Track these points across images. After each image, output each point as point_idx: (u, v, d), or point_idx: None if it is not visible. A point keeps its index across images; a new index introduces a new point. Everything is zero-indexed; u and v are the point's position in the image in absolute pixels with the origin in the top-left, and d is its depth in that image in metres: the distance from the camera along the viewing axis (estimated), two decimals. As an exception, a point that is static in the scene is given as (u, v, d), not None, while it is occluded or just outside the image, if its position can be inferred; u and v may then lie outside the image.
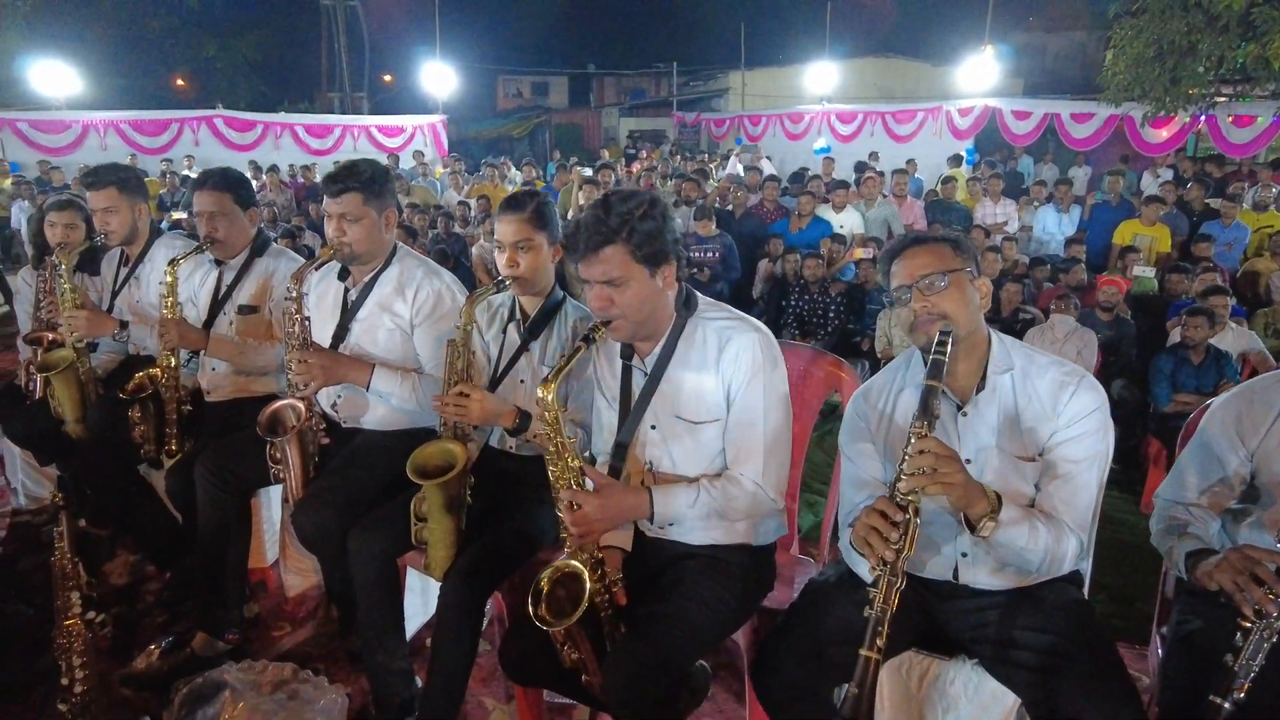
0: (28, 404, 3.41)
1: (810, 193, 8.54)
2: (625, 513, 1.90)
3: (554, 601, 1.82)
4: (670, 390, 1.96)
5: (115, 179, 3.26)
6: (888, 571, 1.54)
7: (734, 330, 1.94)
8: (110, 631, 2.13)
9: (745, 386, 1.90)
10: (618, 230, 1.81)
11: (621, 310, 1.85)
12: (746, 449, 1.92)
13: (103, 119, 13.83)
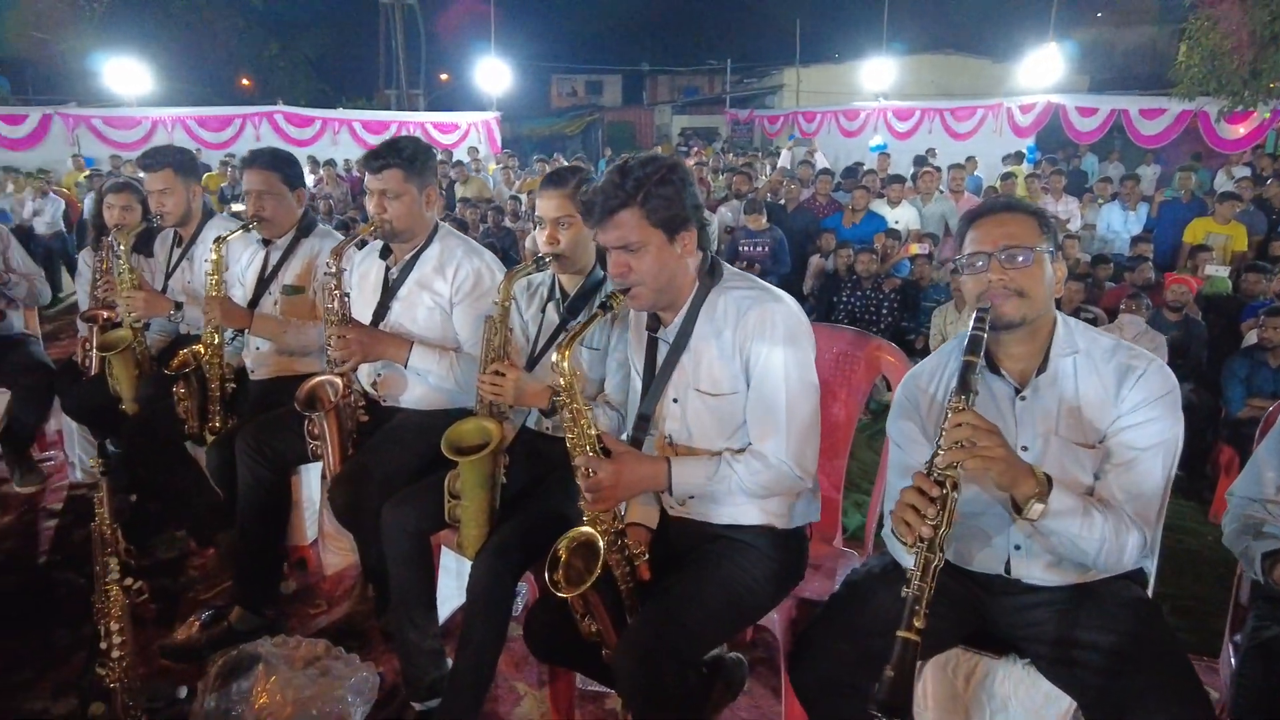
0: (84, 380, 3.50)
1: (865, 187, 8.37)
2: (641, 481, 1.85)
3: (572, 570, 1.79)
4: (690, 362, 1.91)
5: (171, 161, 3.32)
6: (925, 549, 1.45)
7: (754, 300, 1.87)
8: (147, 598, 2.12)
9: (765, 358, 1.83)
10: (633, 194, 1.77)
11: (639, 276, 1.82)
12: (769, 423, 1.85)
13: (170, 115, 14.25)
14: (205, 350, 2.98)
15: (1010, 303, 1.65)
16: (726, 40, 30.16)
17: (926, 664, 1.81)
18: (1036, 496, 1.53)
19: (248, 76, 25.12)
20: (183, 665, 2.53)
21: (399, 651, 2.26)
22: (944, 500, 1.45)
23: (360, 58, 26.49)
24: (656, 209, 1.78)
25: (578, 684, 2.42)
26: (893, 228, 7.54)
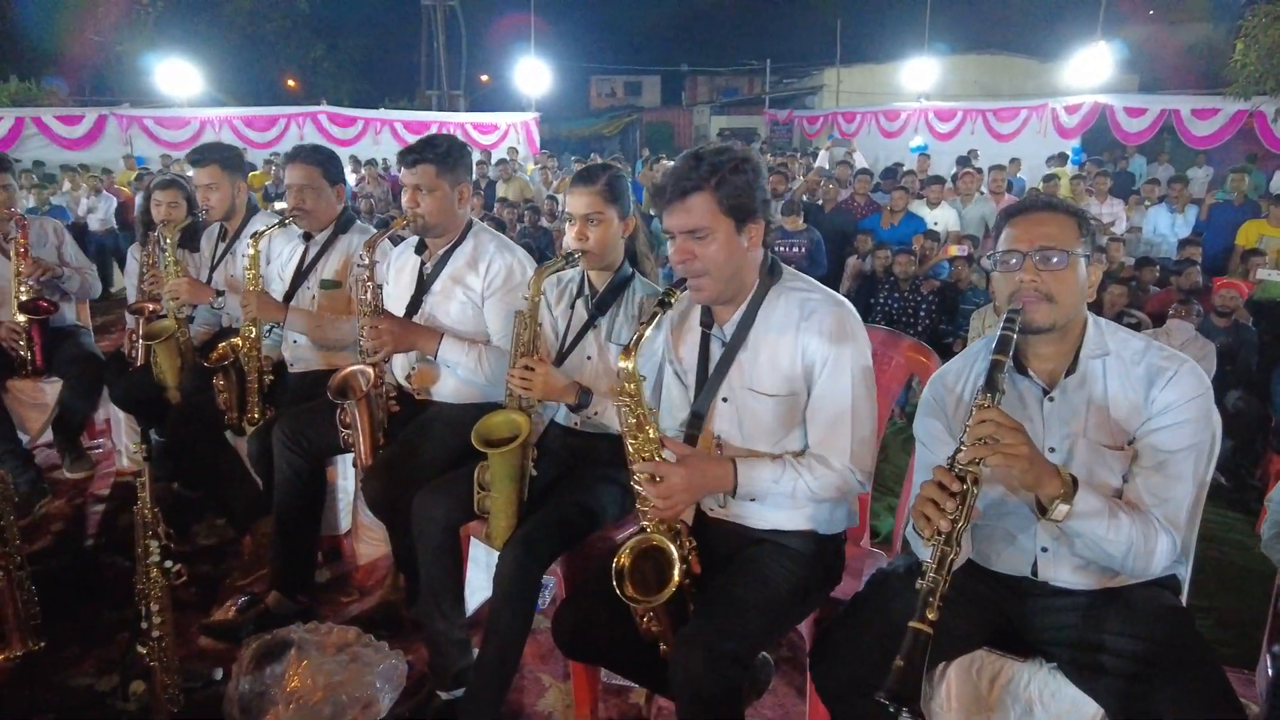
0: (131, 371, 3.60)
1: (903, 188, 8.29)
2: (709, 484, 1.81)
3: (638, 575, 1.78)
4: (746, 360, 1.88)
5: (218, 156, 3.42)
6: (942, 542, 1.44)
7: (818, 302, 1.85)
8: (186, 580, 2.18)
9: (831, 362, 1.81)
10: (707, 178, 1.75)
11: (704, 265, 1.78)
12: (835, 427, 1.83)
13: (218, 115, 14.58)
14: (244, 343, 3.05)
15: (1040, 309, 1.63)
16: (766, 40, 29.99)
17: (950, 665, 1.79)
18: (1061, 497, 1.51)
19: (293, 78, 25.65)
20: (220, 647, 2.60)
21: (426, 641, 2.30)
22: (964, 495, 1.44)
23: (402, 59, 26.92)
24: (728, 196, 1.76)
25: (602, 677, 2.44)
26: (932, 229, 7.45)
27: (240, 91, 20.33)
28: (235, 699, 2.26)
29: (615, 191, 2.27)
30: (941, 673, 1.80)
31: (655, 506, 1.77)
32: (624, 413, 1.78)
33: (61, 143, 13.41)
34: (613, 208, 2.26)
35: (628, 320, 2.32)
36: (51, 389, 3.70)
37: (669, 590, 1.72)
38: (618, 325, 2.32)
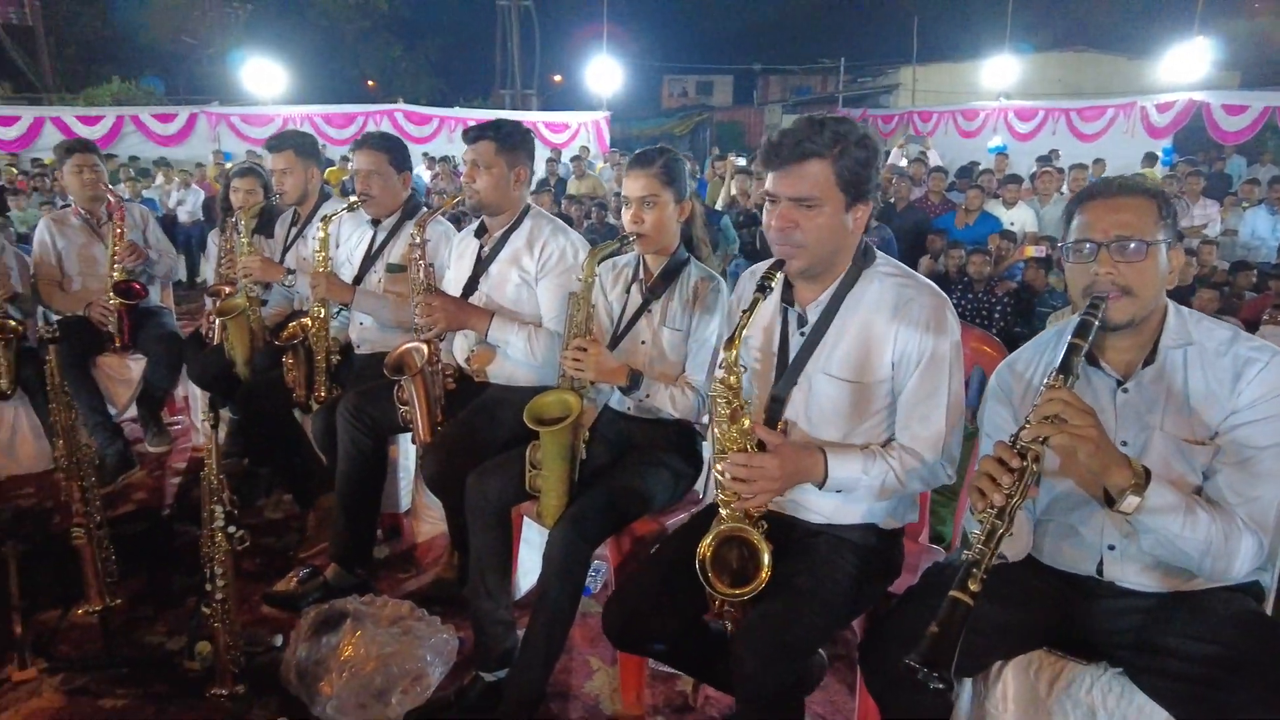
0: (207, 349, 3.76)
1: (980, 187, 8.04)
2: (800, 474, 1.73)
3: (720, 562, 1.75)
4: (828, 344, 1.82)
5: (293, 143, 3.54)
6: (993, 515, 1.37)
7: (915, 290, 1.78)
8: (249, 547, 2.26)
9: (929, 354, 1.75)
10: (829, 146, 1.66)
11: (804, 237, 1.70)
12: (927, 421, 1.76)
13: (299, 113, 15.11)
14: (313, 323, 3.14)
15: (1118, 304, 1.54)
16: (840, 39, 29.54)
17: (1007, 665, 1.72)
18: (1132, 489, 1.43)
19: (373, 78, 26.42)
20: (281, 616, 2.68)
21: (472, 619, 2.31)
22: (1022, 472, 1.38)
23: (478, 59, 27.49)
24: (847, 169, 1.68)
25: (649, 664, 2.43)
26: (1008, 229, 7.22)
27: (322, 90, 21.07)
28: (292, 665, 2.33)
29: (672, 174, 2.26)
30: (998, 672, 1.73)
31: (743, 498, 1.71)
32: (719, 403, 1.72)
33: (156, 139, 14.12)
34: (669, 190, 2.25)
35: (682, 305, 2.30)
36: (136, 365, 3.89)
37: (758, 584, 1.69)
38: (672, 310, 2.31)
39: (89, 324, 3.76)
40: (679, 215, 2.31)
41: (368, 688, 2.25)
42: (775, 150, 1.71)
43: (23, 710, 2.29)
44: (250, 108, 15.55)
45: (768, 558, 1.69)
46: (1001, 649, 1.71)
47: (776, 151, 1.71)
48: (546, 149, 15.37)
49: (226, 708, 2.26)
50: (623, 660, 2.30)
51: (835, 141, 1.67)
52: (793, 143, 1.68)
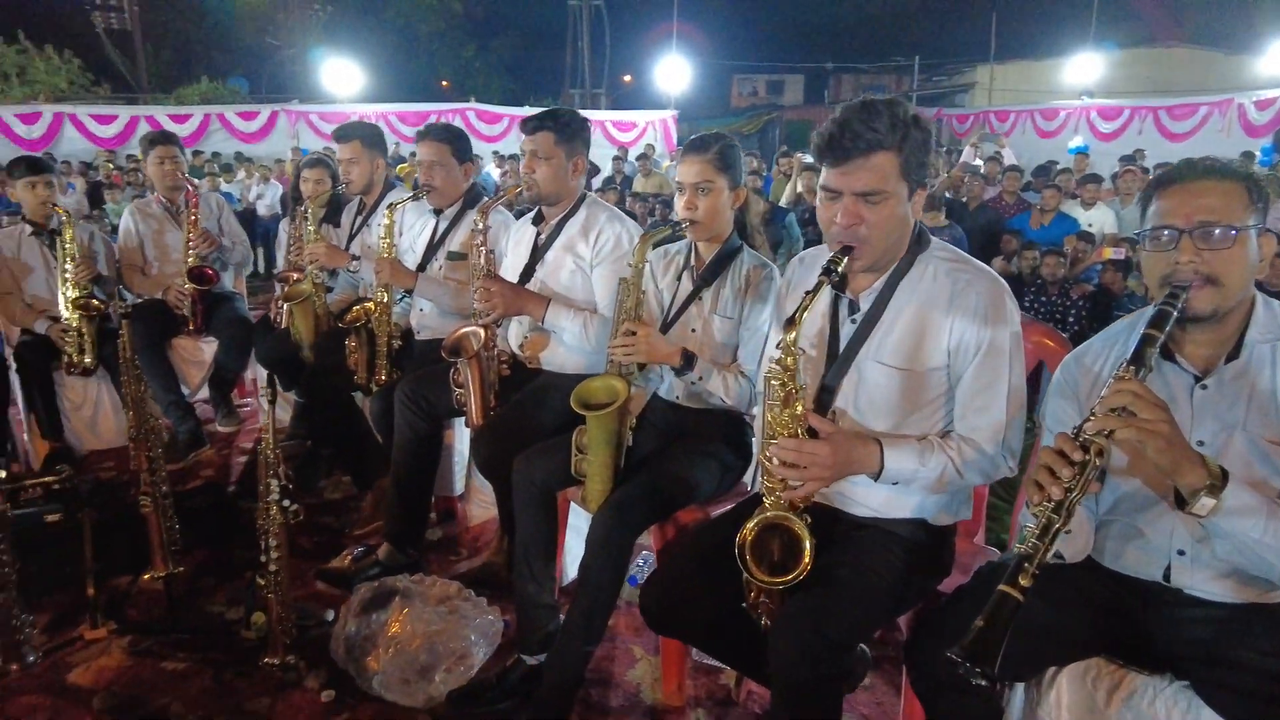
0: (274, 333, 3.88)
1: (1056, 186, 7.75)
2: (853, 464, 1.67)
3: (760, 550, 1.70)
4: (880, 332, 1.76)
5: (359, 134, 3.63)
6: (1050, 509, 1.31)
7: (972, 275, 1.71)
8: (302, 521, 2.33)
9: (988, 342, 1.68)
10: (894, 136, 1.60)
11: (869, 231, 1.64)
12: (987, 410, 1.70)
13: (374, 111, 15.50)
14: (375, 308, 3.21)
15: (1202, 294, 1.44)
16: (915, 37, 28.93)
17: (1062, 672, 1.64)
18: (1206, 490, 1.33)
19: (447, 77, 26.99)
20: (334, 593, 2.75)
21: (516, 601, 2.32)
22: (1083, 466, 1.31)
23: (549, 59, 27.84)
24: (911, 158, 1.62)
25: (694, 656, 2.41)
26: (1085, 230, 6.95)
27: (397, 89, 21.62)
28: (341, 639, 2.39)
29: (727, 161, 2.22)
30: (1052, 679, 1.66)
31: (791, 485, 1.66)
32: (773, 385, 1.66)
33: (240, 136, 14.70)
34: (723, 177, 2.22)
35: (733, 293, 2.27)
36: (209, 348, 4.05)
37: (797, 574, 1.64)
38: (723, 297, 2.28)
39: (165, 307, 3.92)
40: (733, 202, 2.28)
41: (413, 664, 2.28)
42: (836, 144, 1.63)
43: (93, 667, 2.40)
44: (327, 105, 16.07)
45: (809, 548, 1.64)
46: (1056, 654, 1.64)
47: (838, 145, 1.62)
48: (613, 148, 15.45)
49: (278, 676, 2.32)
50: (664, 649, 2.28)
51: (896, 128, 1.61)
52: (854, 135, 1.60)
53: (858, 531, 1.82)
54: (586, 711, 2.24)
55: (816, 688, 1.61)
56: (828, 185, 1.68)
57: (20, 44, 20.39)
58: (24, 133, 14.18)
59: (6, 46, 20.21)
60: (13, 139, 13.89)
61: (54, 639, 2.50)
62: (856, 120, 1.61)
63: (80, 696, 2.28)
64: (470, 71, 26.55)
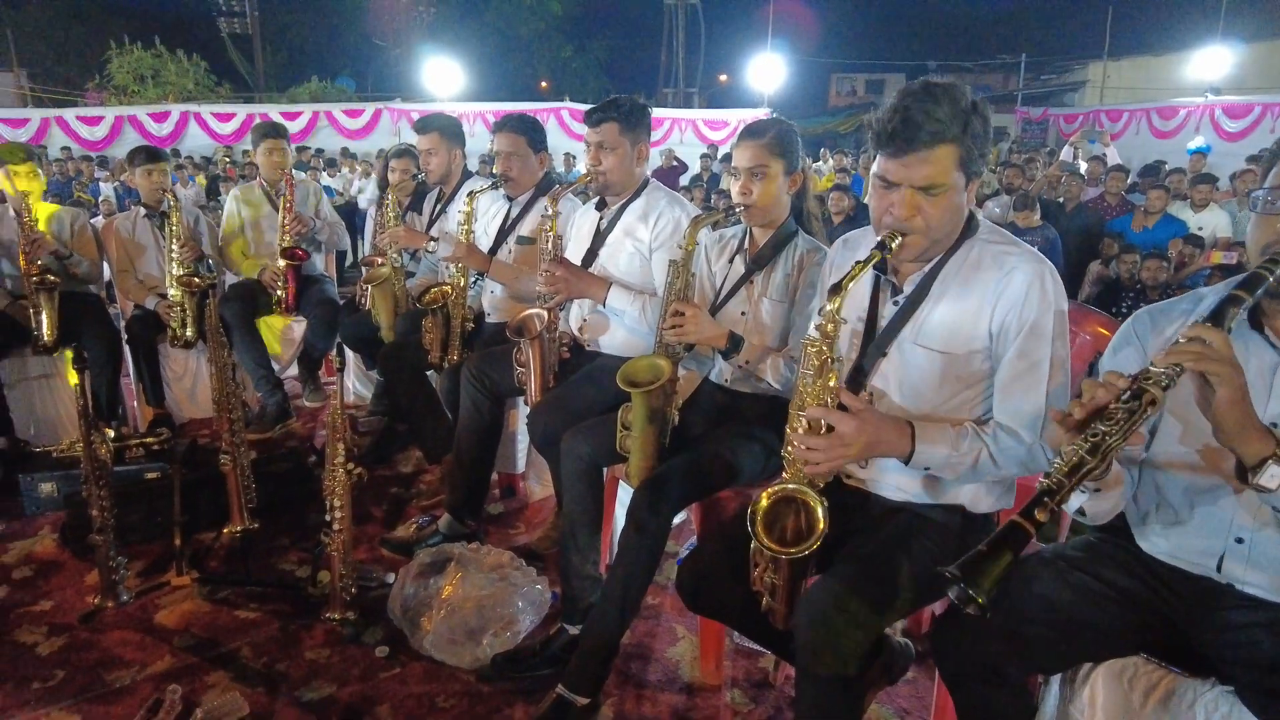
0: (358, 314, 4.08)
1: (1164, 187, 7.33)
2: (881, 444, 1.64)
3: (773, 521, 1.70)
4: (922, 314, 1.73)
5: (439, 125, 3.79)
6: (1085, 449, 1.23)
7: (1018, 259, 1.66)
8: (366, 482, 2.46)
9: (1031, 325, 1.64)
10: (957, 126, 1.56)
11: (925, 223, 1.62)
12: (1026, 397, 1.65)
13: (472, 110, 15.97)
14: (452, 290, 3.35)
15: None
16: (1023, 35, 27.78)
17: (1098, 669, 1.59)
18: (1274, 458, 1.24)
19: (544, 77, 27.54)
20: (397, 559, 2.88)
21: (560, 572, 2.39)
22: (1131, 410, 1.23)
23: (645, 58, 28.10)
24: (971, 149, 1.59)
25: (735, 639, 2.42)
26: (1195, 234, 6.55)
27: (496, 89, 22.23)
28: (399, 599, 2.51)
29: (783, 145, 2.23)
30: (1085, 675, 1.61)
31: (812, 458, 1.63)
32: (809, 352, 1.65)
33: (345, 133, 15.43)
34: (779, 162, 2.23)
35: (784, 277, 2.27)
36: (299, 327, 4.29)
37: (807, 546, 1.63)
38: (774, 281, 2.28)
39: (261, 287, 4.18)
40: (789, 187, 2.28)
41: (463, 627, 2.38)
42: (898, 135, 1.57)
43: (176, 611, 2.60)
44: (427, 104, 16.65)
45: (822, 526, 1.61)
46: (1092, 650, 1.59)
47: (899, 136, 1.57)
48: (704, 146, 15.45)
49: (338, 631, 2.46)
50: (703, 628, 2.31)
51: (957, 118, 1.56)
52: (916, 126, 1.55)
53: (890, 515, 1.80)
54: (625, 683, 2.28)
55: (838, 665, 1.60)
56: (885, 175, 1.64)
57: (156, 49, 21.95)
58: (155, 130, 15.30)
59: (144, 51, 21.79)
60: (145, 135, 15.02)
61: (144, 583, 2.72)
62: (917, 109, 1.56)
63: (164, 635, 2.48)
64: (567, 71, 27.03)
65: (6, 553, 2.98)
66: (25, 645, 2.44)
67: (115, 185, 11.33)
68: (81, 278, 3.93)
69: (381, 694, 2.24)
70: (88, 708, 2.18)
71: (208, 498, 3.03)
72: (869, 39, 34.48)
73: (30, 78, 22.93)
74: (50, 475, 3.26)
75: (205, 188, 11.09)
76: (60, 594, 2.71)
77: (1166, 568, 1.57)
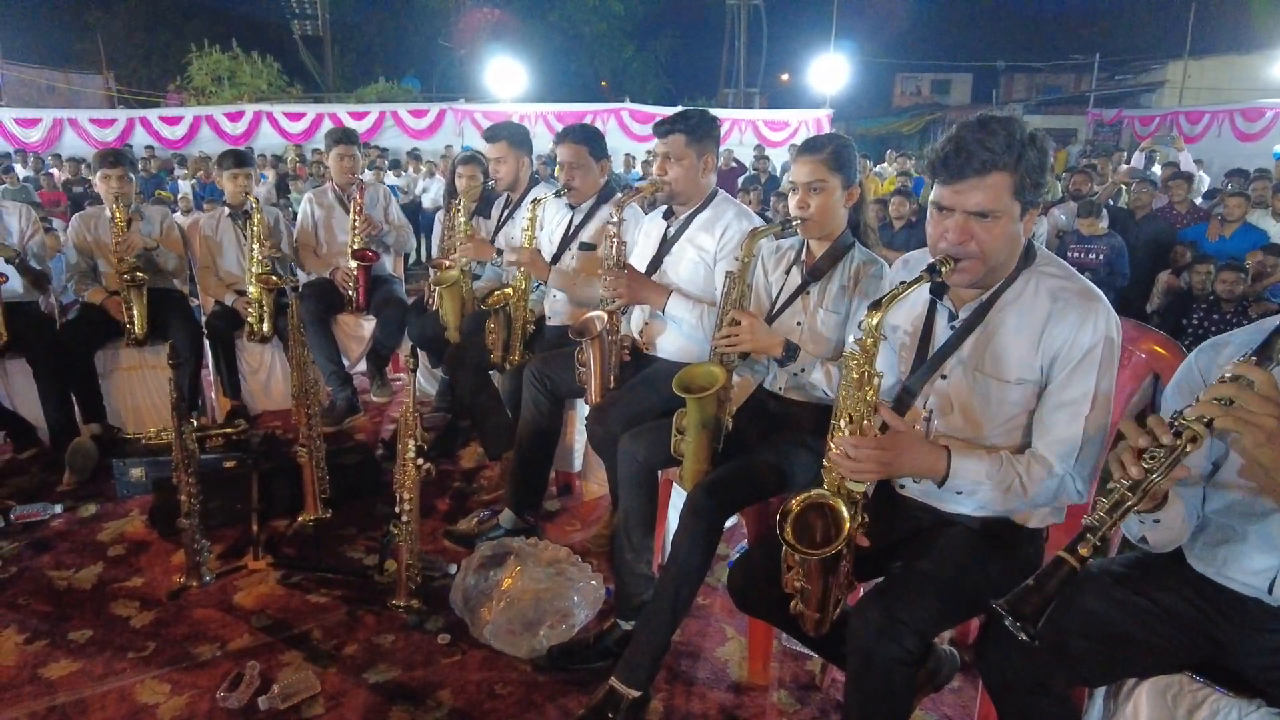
0: (425, 314, 4.24)
1: (1243, 194, 7.08)
2: (915, 465, 1.71)
3: (803, 526, 1.77)
4: (979, 340, 1.78)
5: (507, 134, 3.91)
6: (1125, 487, 1.29)
7: (1075, 293, 1.71)
8: (435, 481, 2.59)
9: (1078, 363, 1.68)
10: (1011, 154, 1.61)
11: (980, 248, 1.66)
12: (1063, 430, 1.69)
13: (534, 110, 16.23)
14: (515, 293, 3.47)
15: None
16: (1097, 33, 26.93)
17: (1142, 685, 1.61)
18: None
19: (606, 78, 27.75)
20: (459, 551, 3.01)
21: (614, 569, 2.49)
22: (1171, 450, 1.28)
23: (706, 58, 28.09)
24: (1025, 178, 1.63)
25: (784, 642, 2.48)
26: (1275, 244, 6.31)
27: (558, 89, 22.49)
28: (460, 589, 2.63)
29: (841, 160, 2.28)
30: (1130, 691, 1.63)
31: (845, 466, 1.71)
32: (850, 365, 1.71)
33: (410, 133, 15.82)
34: (836, 176, 2.27)
35: (841, 288, 2.32)
36: (368, 325, 4.47)
37: (830, 550, 1.70)
38: (831, 293, 2.33)
39: (333, 286, 4.37)
40: (846, 201, 2.33)
41: (520, 618, 2.49)
42: (951, 162, 1.64)
43: (253, 592, 2.77)
44: (490, 105, 16.96)
45: (846, 531, 1.68)
46: (1137, 666, 1.61)
47: (953, 163, 1.64)
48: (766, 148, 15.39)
49: (402, 618, 2.60)
50: (751, 629, 2.37)
51: (1013, 148, 1.62)
52: (968, 155, 1.62)
53: (942, 528, 1.85)
54: (675, 680, 2.36)
55: (887, 671, 1.65)
56: (940, 202, 1.70)
57: (233, 51, 22.82)
58: (229, 129, 15.93)
59: (221, 54, 22.67)
60: (220, 134, 15.67)
61: (224, 565, 2.90)
62: (972, 139, 1.62)
63: (241, 614, 2.65)
64: (629, 72, 27.19)
65: (102, 531, 3.20)
66: (121, 618, 2.64)
67: (193, 183, 11.85)
68: (168, 273, 4.17)
69: (443, 679, 2.36)
70: (176, 677, 2.35)
71: (282, 487, 3.21)
72: (935, 38, 33.80)
73: (117, 80, 24.04)
74: (139, 461, 3.49)
75: (276, 185, 11.52)
76: (150, 572, 2.91)
77: (1215, 587, 1.59)
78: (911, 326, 1.92)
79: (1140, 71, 23.22)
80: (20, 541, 3.11)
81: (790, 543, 1.72)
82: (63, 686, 2.31)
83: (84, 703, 2.25)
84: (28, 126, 15.46)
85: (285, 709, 2.21)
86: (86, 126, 15.57)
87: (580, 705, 2.22)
